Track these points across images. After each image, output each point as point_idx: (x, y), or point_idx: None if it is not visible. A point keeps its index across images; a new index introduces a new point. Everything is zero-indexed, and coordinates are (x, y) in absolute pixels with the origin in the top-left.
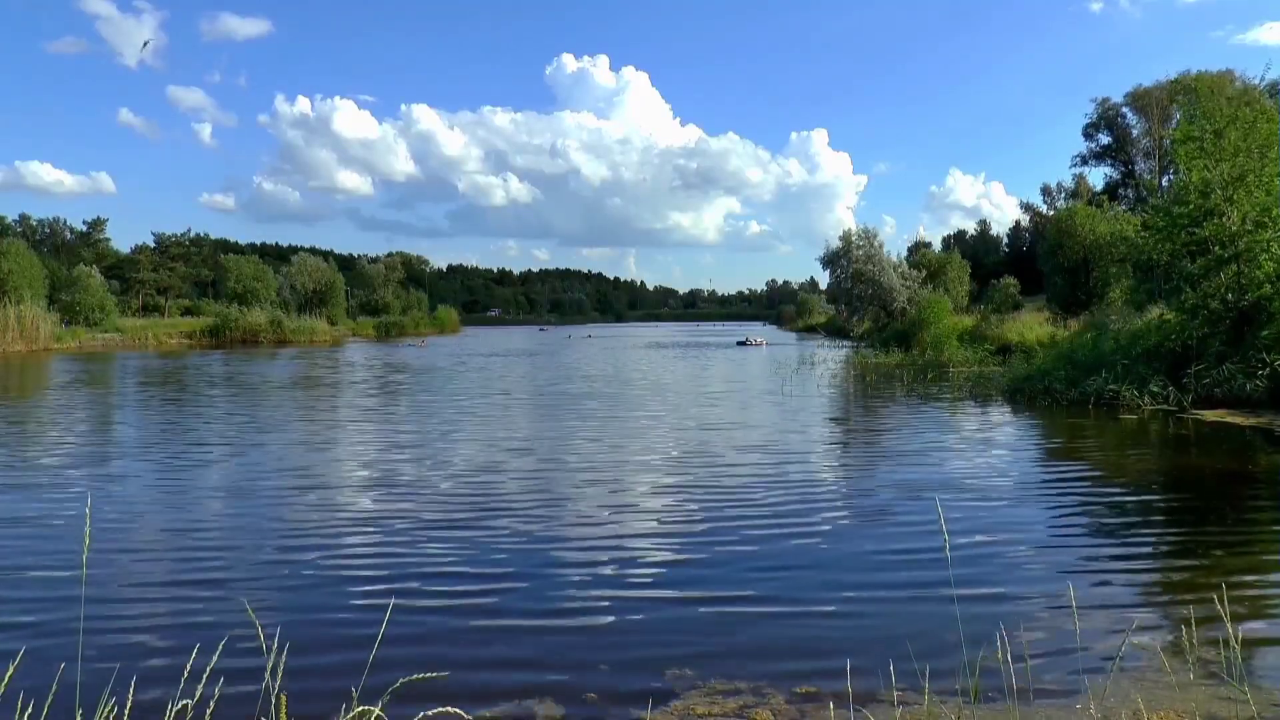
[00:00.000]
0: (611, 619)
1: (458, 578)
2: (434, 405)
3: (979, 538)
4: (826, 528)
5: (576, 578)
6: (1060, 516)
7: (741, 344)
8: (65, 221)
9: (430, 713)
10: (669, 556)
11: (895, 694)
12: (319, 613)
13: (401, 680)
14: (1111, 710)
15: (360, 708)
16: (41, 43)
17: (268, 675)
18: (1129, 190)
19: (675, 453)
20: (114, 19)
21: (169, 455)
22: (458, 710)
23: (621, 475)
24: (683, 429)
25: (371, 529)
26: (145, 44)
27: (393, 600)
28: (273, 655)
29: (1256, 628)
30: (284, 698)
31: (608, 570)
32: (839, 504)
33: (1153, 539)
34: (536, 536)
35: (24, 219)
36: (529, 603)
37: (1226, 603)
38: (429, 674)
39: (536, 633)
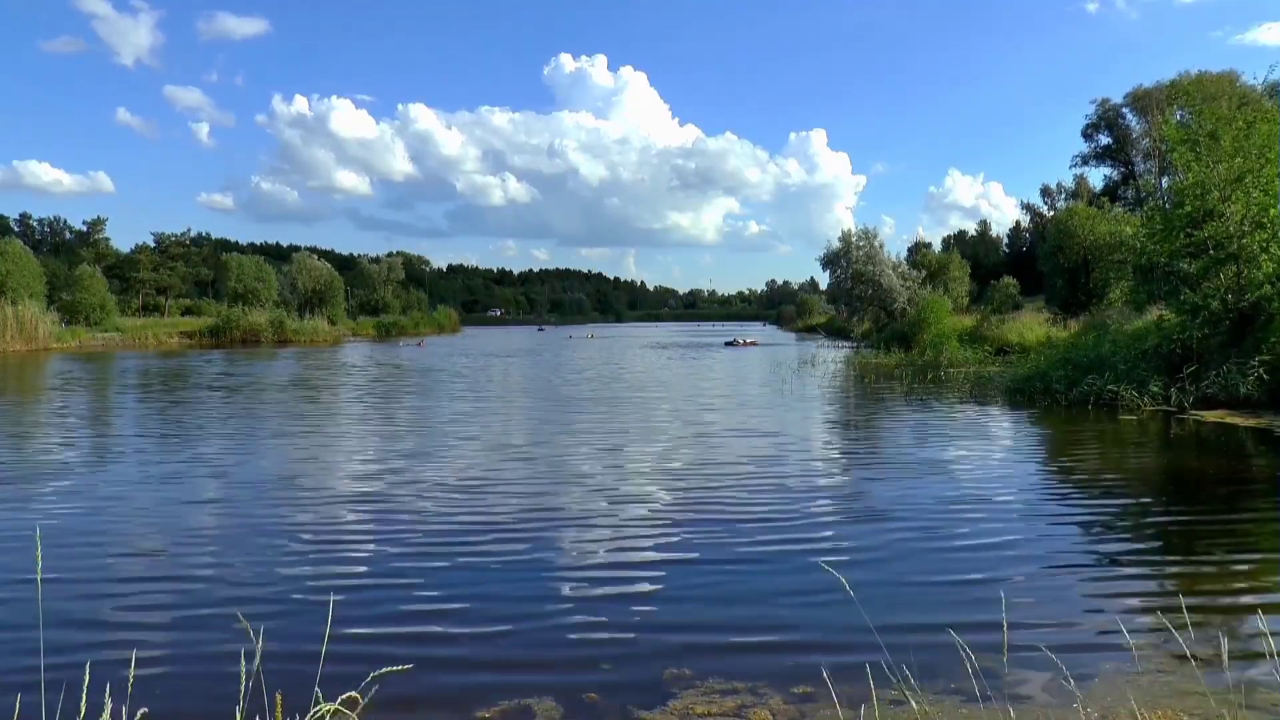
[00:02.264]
0: (610, 619)
1: (457, 577)
2: (430, 407)
3: (977, 538)
4: (825, 529)
5: (575, 578)
6: (1059, 517)
7: (730, 344)
8: (65, 221)
9: None
10: (668, 558)
11: (893, 694)
12: (313, 612)
13: (372, 674)
14: (1109, 710)
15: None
16: (38, 42)
17: (257, 668)
18: (1129, 191)
19: (674, 458)
20: (110, 18)
21: (160, 458)
22: None
23: (619, 480)
24: (682, 433)
25: (366, 530)
26: None
27: (390, 600)
28: (259, 651)
29: (1255, 628)
30: (280, 695)
31: (606, 571)
32: (837, 507)
33: (1151, 540)
34: (536, 538)
35: (24, 218)
36: (528, 603)
37: (1225, 603)
38: (395, 668)
39: (535, 632)
